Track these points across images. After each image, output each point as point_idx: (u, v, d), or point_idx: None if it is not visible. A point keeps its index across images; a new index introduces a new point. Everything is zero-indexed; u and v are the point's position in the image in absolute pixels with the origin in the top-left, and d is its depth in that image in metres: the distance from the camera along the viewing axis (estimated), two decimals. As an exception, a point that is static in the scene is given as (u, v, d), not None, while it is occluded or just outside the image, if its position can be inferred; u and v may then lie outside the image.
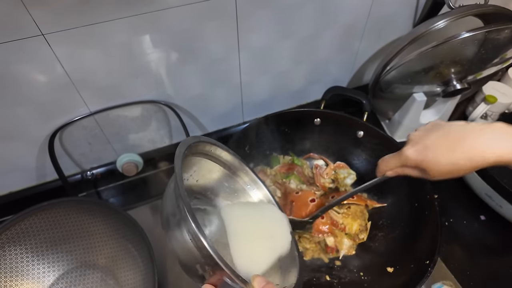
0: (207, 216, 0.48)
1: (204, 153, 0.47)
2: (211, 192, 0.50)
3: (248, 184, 0.52)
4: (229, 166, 0.50)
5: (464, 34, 0.59)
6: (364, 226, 0.64)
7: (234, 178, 0.51)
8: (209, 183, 0.49)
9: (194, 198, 0.48)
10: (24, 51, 0.49)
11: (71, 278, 0.57)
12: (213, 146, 0.47)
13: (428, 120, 0.81)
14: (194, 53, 0.62)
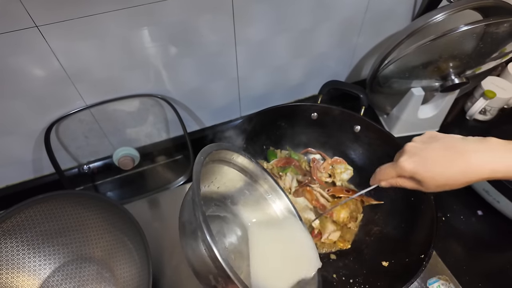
0: (226, 225, 0.48)
1: (226, 161, 0.47)
2: (232, 200, 0.49)
3: (269, 193, 0.51)
4: (250, 174, 0.49)
5: (463, 27, 0.58)
6: (354, 217, 0.64)
7: (254, 186, 0.50)
8: (230, 191, 0.49)
9: (214, 205, 0.47)
10: (18, 43, 0.49)
11: (67, 271, 0.57)
12: (234, 154, 0.46)
13: (426, 115, 0.80)
14: (190, 46, 0.61)
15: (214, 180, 0.47)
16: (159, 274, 0.61)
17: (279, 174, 0.69)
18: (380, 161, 0.67)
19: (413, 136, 0.81)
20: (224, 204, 0.49)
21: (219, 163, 0.46)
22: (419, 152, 0.39)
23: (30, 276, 0.55)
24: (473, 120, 0.87)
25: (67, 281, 0.57)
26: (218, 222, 0.47)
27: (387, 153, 0.65)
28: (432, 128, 0.85)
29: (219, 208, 0.48)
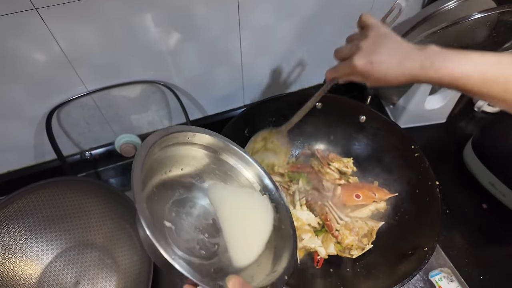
0: (197, 205, 0.47)
1: (182, 143, 0.45)
2: (200, 177, 0.49)
3: (238, 163, 0.50)
4: (213, 148, 0.48)
5: (476, 15, 0.56)
6: (363, 245, 0.59)
7: (221, 159, 0.49)
8: (197, 170, 0.48)
9: (180, 187, 0.47)
10: (17, 26, 0.48)
11: (69, 256, 0.58)
12: (189, 133, 0.45)
13: (433, 107, 0.79)
14: (193, 31, 0.60)
15: (175, 163, 0.46)
16: (161, 261, 0.61)
17: (287, 184, 0.66)
18: (385, 152, 0.67)
19: (419, 127, 0.81)
20: (192, 184, 0.48)
21: (175, 146, 0.45)
22: (372, 53, 0.42)
23: (32, 261, 0.55)
24: (481, 112, 0.85)
25: (69, 267, 0.57)
26: (186, 201, 0.47)
27: (393, 143, 0.65)
28: (439, 120, 0.83)
29: (188, 189, 0.48)
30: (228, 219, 0.44)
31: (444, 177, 0.71)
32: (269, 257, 0.44)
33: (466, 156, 0.74)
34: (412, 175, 0.62)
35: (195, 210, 0.46)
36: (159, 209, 0.43)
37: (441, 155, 0.77)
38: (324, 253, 0.59)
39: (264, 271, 0.42)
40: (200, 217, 0.46)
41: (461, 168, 0.74)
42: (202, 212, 0.47)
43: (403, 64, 0.41)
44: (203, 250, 0.43)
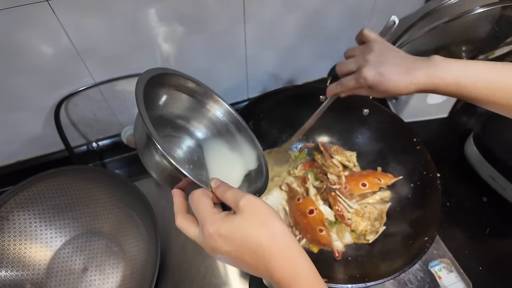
0: (184, 141, 0.52)
1: (176, 86, 0.49)
2: (186, 120, 0.53)
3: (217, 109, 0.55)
4: (200, 96, 0.53)
5: (478, 9, 0.57)
6: (376, 228, 0.62)
7: (205, 106, 0.54)
8: (184, 113, 0.52)
9: (170, 127, 0.51)
10: (28, 18, 0.49)
11: (78, 243, 0.59)
12: (181, 78, 0.49)
13: (435, 101, 0.80)
14: (199, 24, 0.61)
15: (167, 104, 0.50)
16: (166, 250, 0.63)
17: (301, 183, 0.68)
18: (387, 145, 0.68)
19: (421, 121, 0.82)
20: (179, 125, 0.53)
21: (169, 88, 0.49)
22: (379, 66, 0.44)
23: (42, 247, 0.57)
24: (483, 107, 0.85)
25: (77, 253, 0.58)
26: (175, 140, 0.52)
27: (395, 136, 0.66)
28: (441, 114, 0.84)
29: (176, 130, 0.52)
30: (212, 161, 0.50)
31: (445, 171, 0.72)
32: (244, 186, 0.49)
33: (467, 150, 0.75)
34: (414, 168, 0.63)
35: (182, 145, 0.52)
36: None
37: (443, 149, 0.78)
38: (341, 246, 0.60)
39: None
40: (186, 152, 0.51)
41: (462, 162, 0.75)
42: (188, 149, 0.52)
43: (411, 74, 0.42)
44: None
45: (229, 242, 0.32)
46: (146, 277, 0.54)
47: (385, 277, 0.48)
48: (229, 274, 0.60)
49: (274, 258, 0.31)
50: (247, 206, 0.33)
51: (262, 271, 0.32)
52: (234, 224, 0.32)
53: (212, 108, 0.55)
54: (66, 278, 0.56)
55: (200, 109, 0.54)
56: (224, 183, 0.37)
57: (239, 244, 0.32)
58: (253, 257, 0.31)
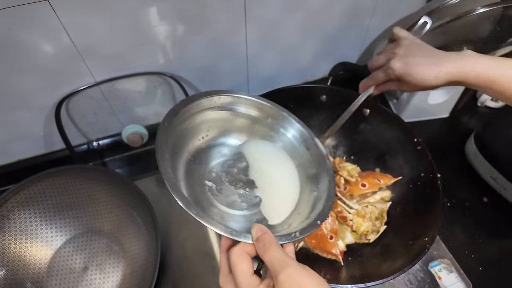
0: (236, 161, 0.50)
1: (209, 107, 0.47)
2: (234, 136, 0.51)
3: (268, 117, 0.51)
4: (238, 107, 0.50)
5: (480, 9, 0.56)
6: (377, 228, 0.61)
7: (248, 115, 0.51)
8: (230, 130, 0.51)
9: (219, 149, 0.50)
10: (29, 17, 0.49)
11: (78, 242, 0.59)
12: (214, 98, 0.46)
13: (436, 101, 0.79)
14: (200, 23, 0.61)
15: (209, 128, 0.49)
16: (166, 249, 0.63)
17: None
18: (388, 145, 0.67)
19: (422, 121, 0.82)
20: (228, 144, 0.51)
21: (203, 112, 0.46)
22: (406, 57, 0.44)
23: (43, 246, 0.57)
24: (484, 107, 0.85)
25: (78, 252, 0.59)
26: (227, 164, 0.49)
27: (396, 136, 0.66)
28: (442, 114, 0.84)
29: (225, 149, 0.50)
30: (260, 179, 0.48)
31: (446, 171, 0.71)
32: (308, 204, 0.45)
33: (468, 150, 0.74)
34: (414, 168, 0.63)
35: (234, 168, 0.49)
36: (200, 172, 0.46)
37: (444, 149, 0.77)
38: (342, 246, 0.60)
39: (302, 218, 0.43)
40: (240, 174, 0.48)
41: (463, 162, 0.75)
42: (241, 169, 0.49)
43: (440, 65, 0.42)
44: (245, 203, 0.46)
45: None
46: (146, 276, 0.55)
47: (385, 278, 0.48)
48: (229, 274, 0.60)
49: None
50: (288, 284, 0.29)
51: None
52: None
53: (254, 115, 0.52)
54: (66, 277, 0.57)
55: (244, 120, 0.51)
56: (267, 235, 0.33)
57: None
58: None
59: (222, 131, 0.51)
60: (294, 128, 0.51)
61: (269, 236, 0.33)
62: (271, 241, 0.32)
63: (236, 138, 0.52)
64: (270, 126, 0.52)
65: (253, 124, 0.52)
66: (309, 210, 0.43)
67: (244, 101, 0.50)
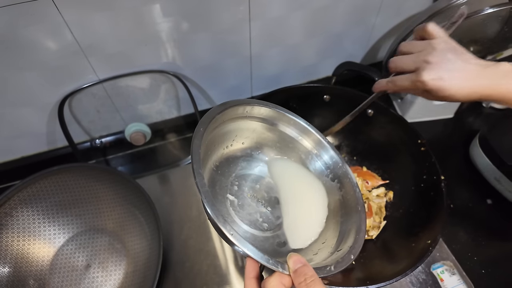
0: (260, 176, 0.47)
1: (241, 116, 0.44)
2: (261, 150, 0.48)
3: (296, 132, 0.48)
4: (272, 120, 0.47)
5: (488, 9, 0.56)
6: (377, 223, 0.62)
7: (281, 131, 0.48)
8: (257, 142, 0.48)
9: (242, 161, 0.47)
10: (32, 14, 0.48)
11: (81, 240, 0.59)
12: (247, 107, 0.44)
13: (441, 101, 0.78)
14: (204, 21, 0.60)
15: (235, 137, 0.46)
16: (168, 247, 0.63)
17: None
18: (391, 146, 0.67)
19: (427, 122, 0.81)
20: (254, 158, 0.48)
21: (234, 120, 0.44)
22: (441, 70, 0.40)
23: (45, 244, 0.57)
24: (489, 108, 0.85)
25: (80, 250, 0.59)
26: (250, 178, 0.47)
27: (399, 137, 0.65)
28: (447, 115, 0.83)
29: (250, 163, 0.48)
30: (286, 198, 0.44)
31: (450, 172, 0.71)
32: (335, 233, 0.42)
33: (472, 152, 0.74)
34: (417, 169, 0.62)
35: (257, 184, 0.46)
36: (222, 183, 0.43)
37: (448, 150, 0.77)
38: None
39: (328, 248, 0.40)
40: (262, 191, 0.46)
41: (467, 163, 0.74)
42: (265, 186, 0.46)
43: (475, 82, 0.39)
44: (266, 223, 0.43)
45: None
46: (148, 275, 0.55)
47: (388, 280, 0.47)
48: (231, 273, 0.61)
49: None
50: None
51: None
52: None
53: (288, 132, 0.48)
54: (69, 274, 0.57)
55: (274, 134, 0.48)
56: (307, 268, 0.31)
57: None
58: None
59: (250, 142, 0.48)
60: (328, 155, 0.48)
61: (310, 271, 0.31)
62: (313, 276, 0.30)
63: (263, 153, 0.49)
64: (305, 150, 0.49)
65: (286, 143, 0.48)
66: (335, 240, 0.41)
67: (284, 118, 0.47)
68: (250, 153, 0.48)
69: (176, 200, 0.69)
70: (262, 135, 0.48)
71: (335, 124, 0.56)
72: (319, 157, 0.48)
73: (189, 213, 0.67)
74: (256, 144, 0.48)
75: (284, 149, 0.49)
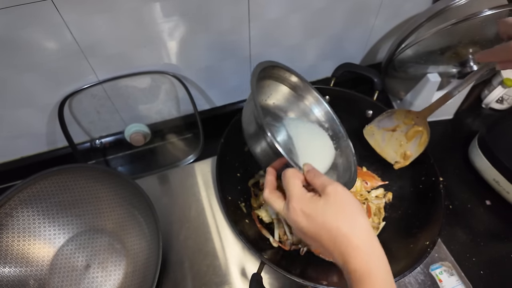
0: (279, 131, 0.55)
1: (281, 79, 0.56)
2: (284, 111, 0.58)
3: (312, 103, 0.59)
4: (300, 90, 0.58)
5: (487, 11, 0.56)
6: (376, 224, 0.63)
7: (302, 100, 0.59)
8: (283, 105, 0.58)
9: (269, 117, 0.56)
10: (32, 15, 0.49)
11: (80, 241, 0.60)
12: (287, 73, 0.55)
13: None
14: (203, 22, 0.60)
15: (270, 95, 0.56)
16: (168, 247, 0.63)
17: None
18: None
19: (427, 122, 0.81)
20: (278, 116, 0.57)
21: (275, 80, 0.55)
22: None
23: (45, 244, 0.57)
24: (489, 109, 0.85)
25: (80, 250, 0.59)
26: (273, 128, 0.55)
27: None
28: (446, 116, 0.83)
29: (273, 120, 0.56)
30: (301, 149, 0.51)
31: (449, 173, 0.71)
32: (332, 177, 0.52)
33: (471, 153, 0.74)
34: (416, 171, 0.62)
35: (279, 134, 0.55)
36: None
37: (447, 151, 0.77)
38: None
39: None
40: (281, 140, 0.53)
41: (466, 164, 0.74)
42: (282, 141, 0.53)
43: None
44: None
45: (310, 221, 0.35)
46: (148, 275, 0.55)
47: (386, 281, 0.48)
48: (230, 273, 0.61)
49: (351, 249, 0.32)
50: (333, 192, 0.35)
51: (337, 256, 0.34)
52: (318, 207, 0.35)
53: (310, 104, 0.59)
54: (69, 274, 0.57)
55: (297, 102, 0.59)
56: (315, 169, 0.40)
57: (319, 226, 0.34)
58: (330, 240, 0.34)
59: (279, 103, 0.57)
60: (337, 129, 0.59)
61: (317, 170, 0.40)
62: (319, 172, 0.39)
63: (286, 114, 0.58)
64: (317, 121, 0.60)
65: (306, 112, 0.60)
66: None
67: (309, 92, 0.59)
68: (277, 111, 0.58)
69: (176, 201, 0.69)
70: (288, 100, 0.58)
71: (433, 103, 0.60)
72: (328, 129, 0.59)
73: (188, 213, 0.67)
74: (283, 105, 0.58)
75: (301, 113, 0.59)
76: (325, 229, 0.34)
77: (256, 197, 0.67)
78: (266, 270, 0.50)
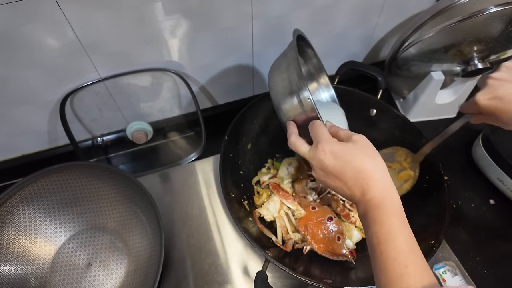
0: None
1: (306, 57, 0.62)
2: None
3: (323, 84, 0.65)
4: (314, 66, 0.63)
5: (492, 8, 0.55)
6: None
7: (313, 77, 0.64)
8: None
9: None
10: (34, 12, 0.48)
11: (82, 239, 0.59)
12: (312, 52, 0.60)
13: (444, 101, 0.78)
14: (206, 20, 0.60)
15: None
16: (170, 246, 0.63)
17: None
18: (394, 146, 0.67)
19: (429, 121, 0.81)
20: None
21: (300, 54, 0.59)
22: (495, 91, 0.44)
23: (47, 242, 0.57)
24: (492, 108, 0.84)
25: (82, 249, 0.59)
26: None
27: (403, 138, 0.65)
28: (449, 114, 0.83)
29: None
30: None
31: (453, 172, 0.71)
32: None
33: (475, 152, 0.73)
34: (420, 169, 0.62)
35: None
36: None
37: (450, 150, 0.77)
38: (351, 244, 0.60)
39: None
40: None
41: (470, 164, 0.74)
42: None
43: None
44: None
45: (337, 159, 0.39)
46: (149, 274, 0.55)
47: (390, 280, 0.47)
48: (232, 272, 0.60)
49: (373, 181, 0.38)
50: (359, 139, 0.40)
51: (356, 189, 0.39)
52: (347, 147, 0.40)
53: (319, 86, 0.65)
54: (70, 273, 0.57)
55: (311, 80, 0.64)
56: (336, 126, 0.45)
57: (346, 162, 0.39)
58: (354, 175, 0.38)
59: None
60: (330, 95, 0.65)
61: (338, 126, 0.45)
62: (340, 128, 0.44)
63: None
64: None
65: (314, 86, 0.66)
66: None
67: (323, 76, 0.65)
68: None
69: (178, 199, 0.69)
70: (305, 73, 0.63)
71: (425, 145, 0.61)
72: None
73: (190, 212, 0.67)
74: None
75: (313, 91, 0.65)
76: (351, 165, 0.38)
77: (259, 195, 0.66)
78: (268, 268, 0.50)
